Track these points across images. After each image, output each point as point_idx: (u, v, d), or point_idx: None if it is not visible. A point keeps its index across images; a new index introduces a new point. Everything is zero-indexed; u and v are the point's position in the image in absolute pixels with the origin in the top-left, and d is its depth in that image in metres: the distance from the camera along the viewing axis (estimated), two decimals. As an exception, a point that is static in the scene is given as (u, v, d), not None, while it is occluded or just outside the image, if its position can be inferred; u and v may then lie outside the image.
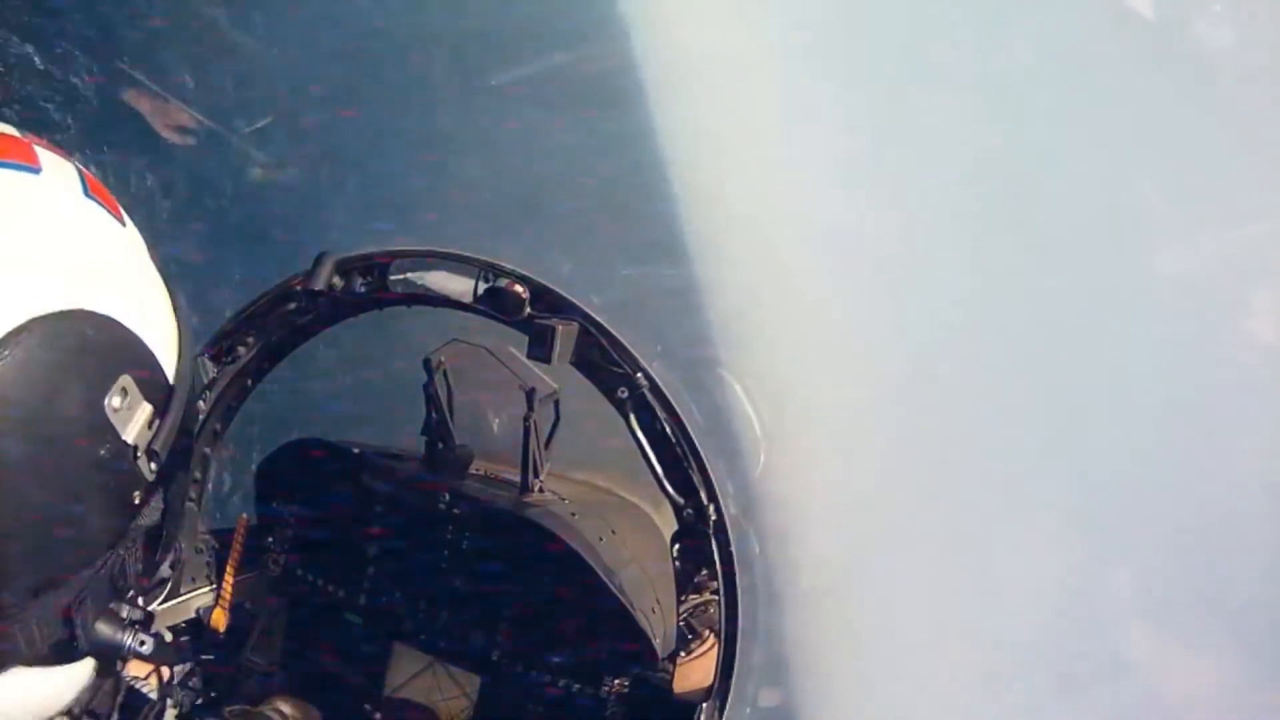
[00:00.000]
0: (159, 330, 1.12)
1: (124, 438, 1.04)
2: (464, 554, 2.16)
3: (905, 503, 2.25)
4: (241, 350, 2.21)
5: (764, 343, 2.29)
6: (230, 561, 2.18)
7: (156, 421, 1.09)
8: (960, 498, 2.23)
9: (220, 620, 2.15)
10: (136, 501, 1.08)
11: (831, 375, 2.28)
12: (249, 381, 2.26)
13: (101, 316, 1.04)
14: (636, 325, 1.94)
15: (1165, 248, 2.16)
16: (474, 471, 2.29)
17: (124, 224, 1.14)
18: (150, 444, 1.07)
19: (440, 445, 2.27)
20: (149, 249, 1.17)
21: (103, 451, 1.03)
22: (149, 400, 1.08)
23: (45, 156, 1.08)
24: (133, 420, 1.05)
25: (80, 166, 1.12)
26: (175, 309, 1.18)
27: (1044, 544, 2.22)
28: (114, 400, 1.03)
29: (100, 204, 1.11)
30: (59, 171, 1.08)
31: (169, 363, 1.13)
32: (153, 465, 1.08)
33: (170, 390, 1.12)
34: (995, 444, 2.25)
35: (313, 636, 2.25)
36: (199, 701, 2.00)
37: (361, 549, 2.22)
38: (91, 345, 1.03)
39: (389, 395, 2.35)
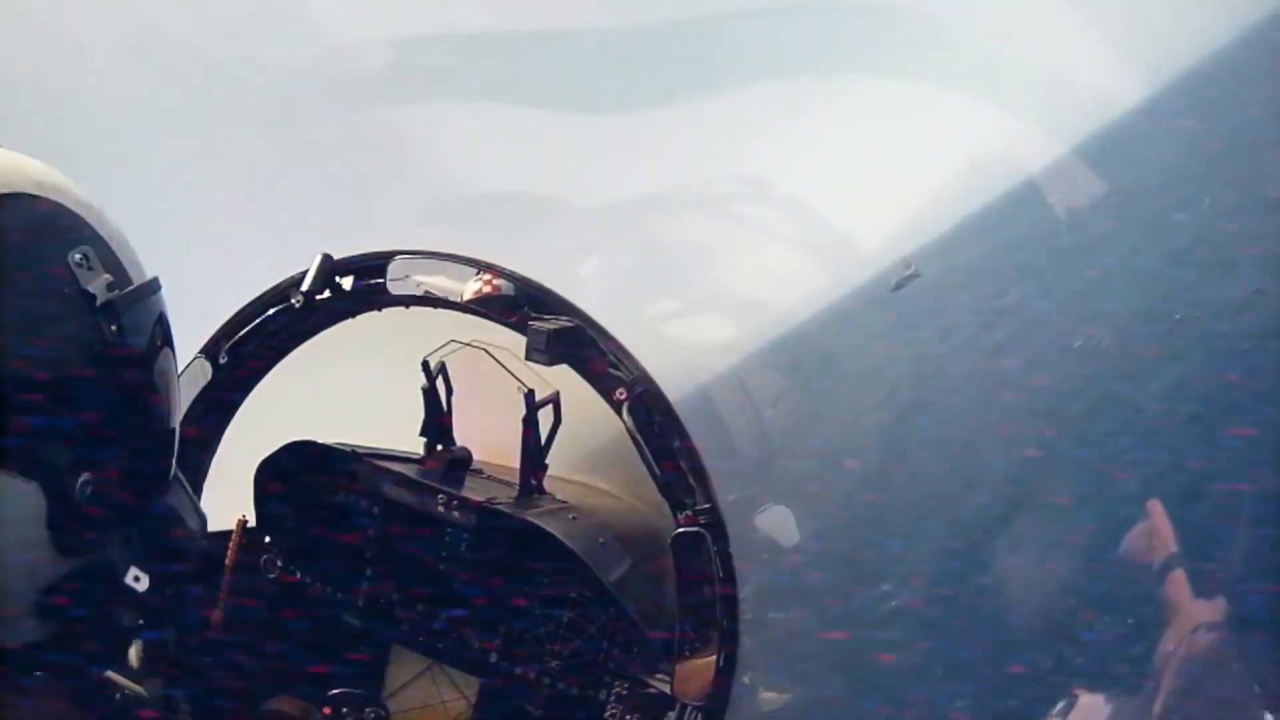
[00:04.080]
0: (125, 254, 1.29)
1: (83, 285, 1.19)
2: (463, 556, 2.16)
3: (907, 501, 2.25)
4: (239, 351, 2.22)
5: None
6: (228, 562, 2.18)
7: (117, 292, 1.22)
8: (965, 495, 2.22)
9: (218, 620, 2.15)
10: (96, 352, 1.19)
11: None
12: (247, 383, 2.27)
13: (73, 212, 1.23)
14: (634, 326, 1.94)
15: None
16: (473, 473, 2.29)
17: (91, 199, 1.31)
18: (108, 302, 1.20)
19: (439, 446, 2.28)
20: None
21: (64, 289, 1.18)
22: (109, 274, 1.23)
23: None
24: (93, 280, 1.20)
25: None
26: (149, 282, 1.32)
27: (1049, 544, 2.21)
28: (75, 255, 1.19)
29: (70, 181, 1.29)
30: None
31: (134, 275, 1.28)
32: (113, 326, 1.19)
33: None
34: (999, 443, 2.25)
35: (311, 637, 2.25)
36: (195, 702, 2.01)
37: (360, 550, 2.22)
38: (62, 219, 1.21)
39: (387, 396, 2.35)
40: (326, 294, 2.16)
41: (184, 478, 1.42)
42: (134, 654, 1.62)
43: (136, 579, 1.26)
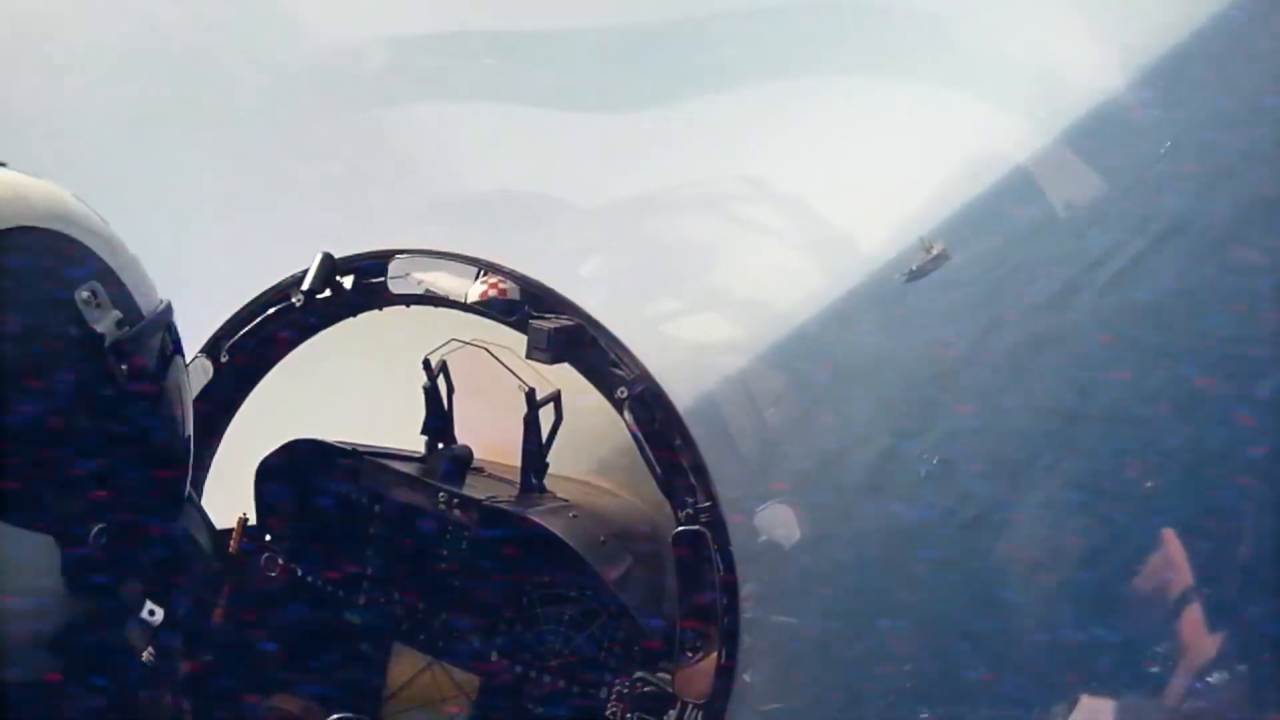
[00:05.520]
0: (136, 281, 1.22)
1: (92, 326, 1.13)
2: (464, 554, 2.16)
3: (908, 498, 2.25)
4: (240, 350, 2.22)
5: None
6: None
7: (126, 329, 1.16)
8: (966, 494, 2.23)
9: (219, 619, 2.15)
10: (108, 398, 1.14)
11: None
12: (248, 382, 2.27)
13: (81, 244, 1.15)
14: (634, 325, 1.94)
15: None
16: (474, 471, 2.29)
17: (104, 222, 1.23)
18: (118, 342, 1.15)
19: (440, 445, 2.27)
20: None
21: (71, 331, 1.12)
22: (119, 310, 1.17)
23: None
24: (102, 318, 1.14)
25: None
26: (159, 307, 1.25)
27: (1049, 540, 2.22)
28: (83, 293, 1.13)
29: (81, 203, 1.21)
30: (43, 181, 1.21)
31: (144, 305, 1.22)
32: (124, 366, 1.14)
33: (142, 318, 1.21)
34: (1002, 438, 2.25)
35: (313, 636, 2.24)
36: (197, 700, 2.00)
37: (361, 549, 2.22)
38: (68, 253, 1.14)
39: (389, 395, 2.34)
40: (327, 293, 2.15)
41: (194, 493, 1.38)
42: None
43: (152, 613, 1.23)
